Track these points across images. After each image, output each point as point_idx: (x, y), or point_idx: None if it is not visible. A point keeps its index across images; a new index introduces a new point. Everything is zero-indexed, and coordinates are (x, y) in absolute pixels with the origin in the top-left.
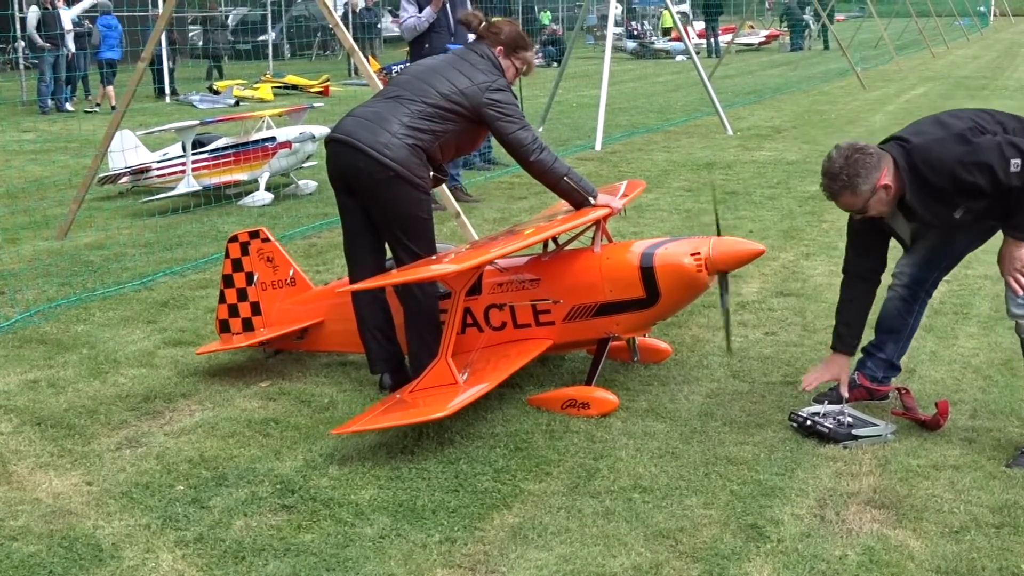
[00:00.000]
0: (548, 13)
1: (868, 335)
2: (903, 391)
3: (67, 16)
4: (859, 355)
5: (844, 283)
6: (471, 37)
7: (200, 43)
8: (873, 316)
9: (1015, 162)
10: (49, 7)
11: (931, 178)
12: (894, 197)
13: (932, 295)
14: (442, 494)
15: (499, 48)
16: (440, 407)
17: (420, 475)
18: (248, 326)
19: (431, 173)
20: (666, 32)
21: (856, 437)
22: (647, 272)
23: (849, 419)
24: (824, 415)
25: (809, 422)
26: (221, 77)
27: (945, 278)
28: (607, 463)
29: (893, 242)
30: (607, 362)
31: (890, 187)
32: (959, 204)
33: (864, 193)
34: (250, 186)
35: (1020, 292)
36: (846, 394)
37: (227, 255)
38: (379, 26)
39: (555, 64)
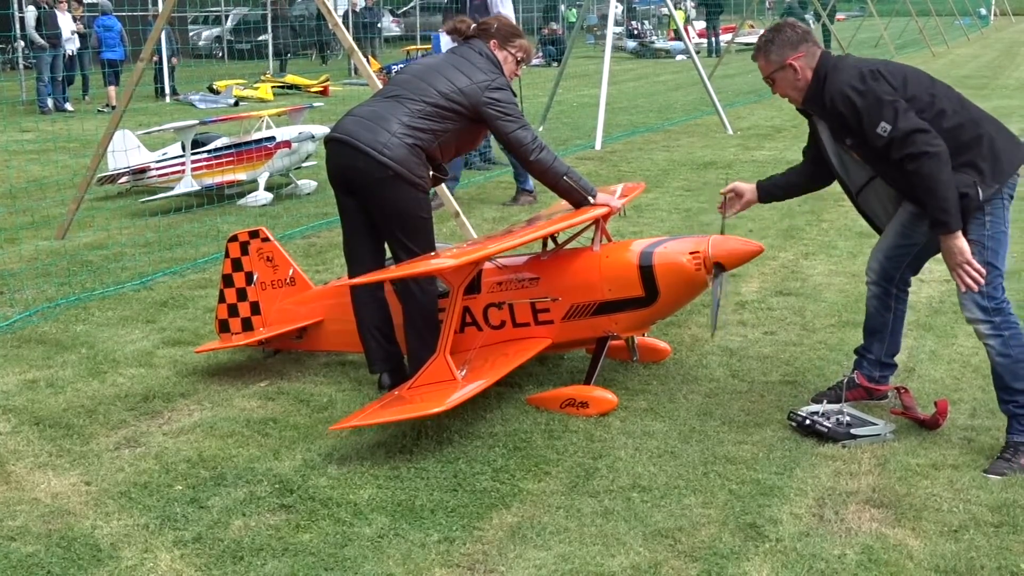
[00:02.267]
0: (575, 11)
1: (858, 339)
2: (902, 390)
3: (66, 19)
4: (854, 357)
5: None
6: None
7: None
8: (861, 316)
9: (883, 125)
10: (46, 6)
11: (824, 93)
12: (803, 87)
13: (906, 291)
14: (441, 494)
15: (493, 42)
16: (438, 403)
17: (419, 475)
18: (247, 325)
19: (430, 172)
20: (677, 32)
21: (855, 436)
22: (646, 271)
23: (848, 418)
24: (823, 414)
25: (808, 421)
26: (283, 71)
27: (944, 278)
28: (606, 462)
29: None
30: (606, 361)
31: (796, 70)
32: (845, 133)
33: (773, 62)
34: (250, 186)
35: (973, 288)
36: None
37: (227, 255)
38: (379, 26)
39: (555, 64)
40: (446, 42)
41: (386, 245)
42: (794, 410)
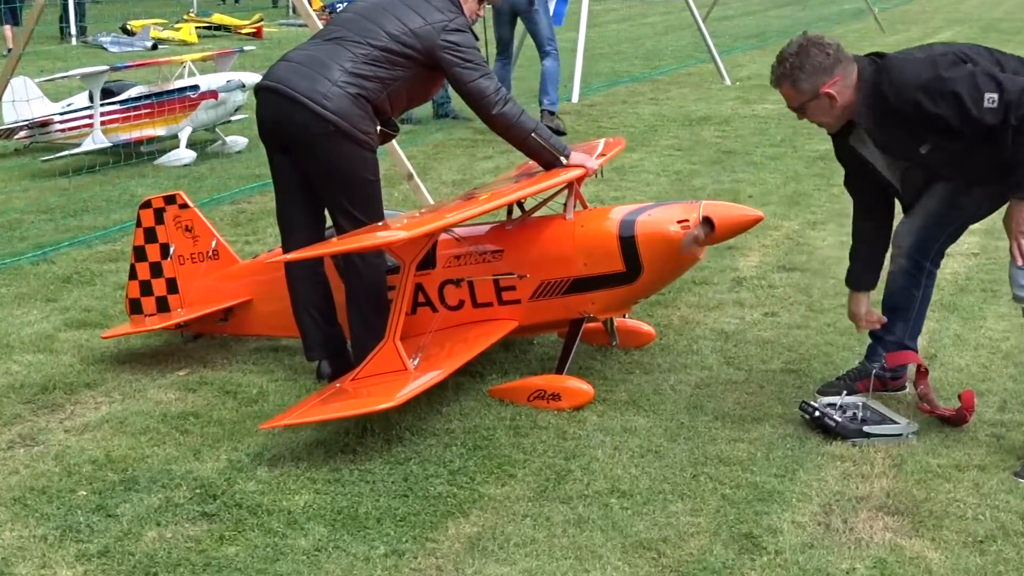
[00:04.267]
0: None
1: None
2: (921, 369)
3: None
4: (868, 341)
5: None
6: None
7: None
8: (878, 295)
9: (990, 96)
10: None
11: (892, 100)
12: (841, 111)
13: (939, 266)
14: (388, 499)
15: None
16: (387, 397)
17: (363, 478)
18: (163, 306)
19: (378, 127)
20: None
21: (868, 435)
22: (627, 242)
23: (866, 413)
24: (840, 407)
25: (818, 413)
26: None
27: (972, 251)
28: (580, 464)
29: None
30: (581, 347)
31: (835, 98)
32: (925, 138)
33: (805, 92)
34: (169, 143)
35: (1020, 260)
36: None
37: (139, 223)
38: None
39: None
40: None
41: (327, 212)
42: (807, 401)
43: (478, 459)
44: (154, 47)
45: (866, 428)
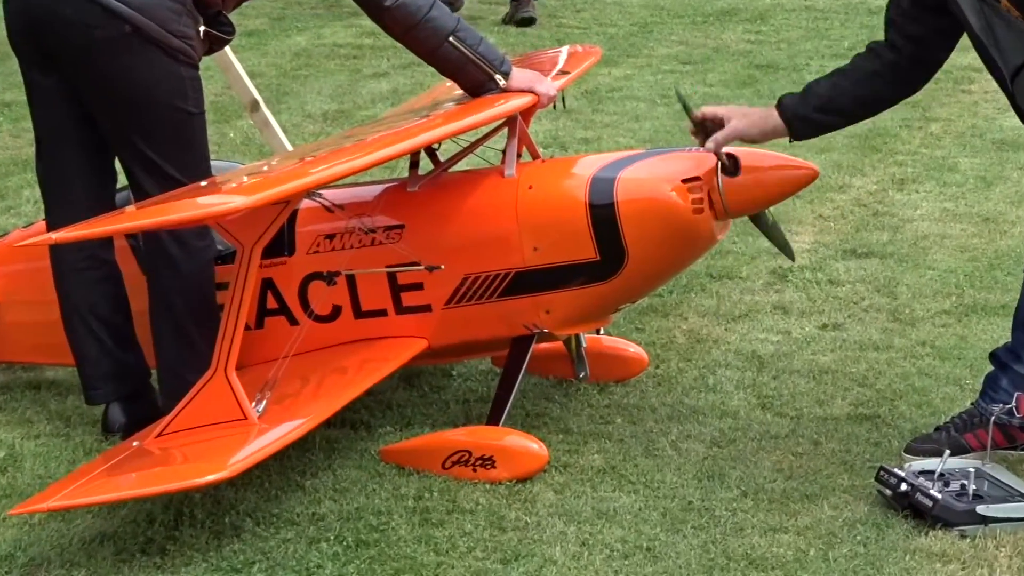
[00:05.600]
0: None
1: (994, 335)
2: None
3: None
4: (988, 368)
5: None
6: None
7: None
8: (997, 297)
9: None
10: None
11: None
12: None
13: None
14: None
15: None
16: (214, 464)
17: None
18: None
19: (201, 28)
20: None
21: (984, 519)
22: (602, 213)
23: (983, 485)
24: (942, 476)
25: (906, 486)
26: None
27: None
28: (527, 569)
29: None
30: (529, 381)
31: None
32: None
33: None
34: None
35: None
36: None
37: None
38: None
39: None
40: None
41: (118, 164)
42: (888, 467)
43: (363, 563)
44: None
45: (981, 509)
